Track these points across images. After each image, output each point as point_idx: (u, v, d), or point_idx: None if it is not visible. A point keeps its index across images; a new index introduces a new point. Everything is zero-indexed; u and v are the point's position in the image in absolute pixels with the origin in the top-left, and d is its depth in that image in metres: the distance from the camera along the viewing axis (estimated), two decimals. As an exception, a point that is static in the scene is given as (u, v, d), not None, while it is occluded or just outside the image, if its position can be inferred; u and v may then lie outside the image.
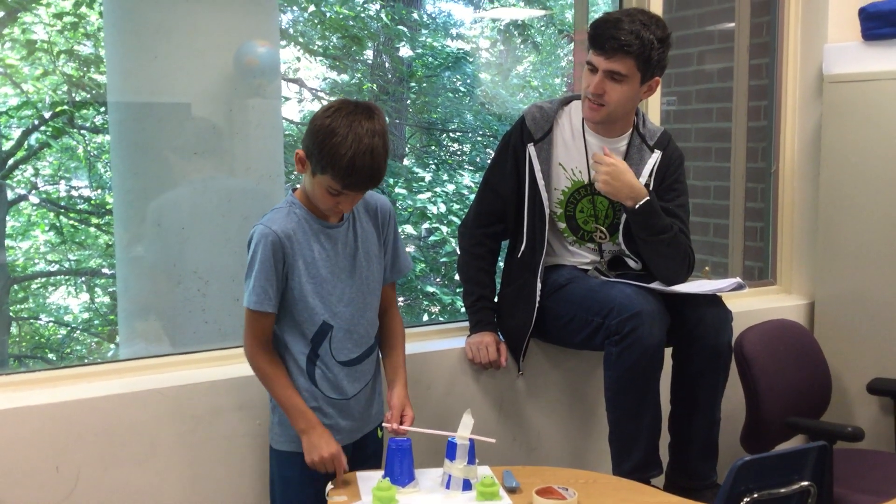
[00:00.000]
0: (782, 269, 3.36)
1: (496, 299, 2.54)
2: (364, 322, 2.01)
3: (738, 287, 2.34)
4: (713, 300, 2.34)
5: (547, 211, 2.41)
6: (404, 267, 2.14)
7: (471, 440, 1.91)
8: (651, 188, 2.38)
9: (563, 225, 2.46)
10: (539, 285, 2.41)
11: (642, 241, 2.36)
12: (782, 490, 1.73)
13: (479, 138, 7.05)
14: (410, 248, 6.12)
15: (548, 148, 2.40)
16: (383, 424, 2.02)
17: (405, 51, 6.81)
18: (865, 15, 2.98)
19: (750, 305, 3.06)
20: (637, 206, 2.30)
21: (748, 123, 3.46)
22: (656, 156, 2.41)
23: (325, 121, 1.84)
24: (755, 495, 1.69)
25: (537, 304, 2.41)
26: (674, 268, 2.38)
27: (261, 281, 1.89)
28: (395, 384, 2.08)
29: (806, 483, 1.75)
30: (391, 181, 5.97)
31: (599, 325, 2.26)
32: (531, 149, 2.39)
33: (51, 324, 5.48)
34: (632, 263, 2.49)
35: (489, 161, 2.53)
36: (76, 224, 5.41)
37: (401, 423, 2.00)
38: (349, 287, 1.98)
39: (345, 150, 1.81)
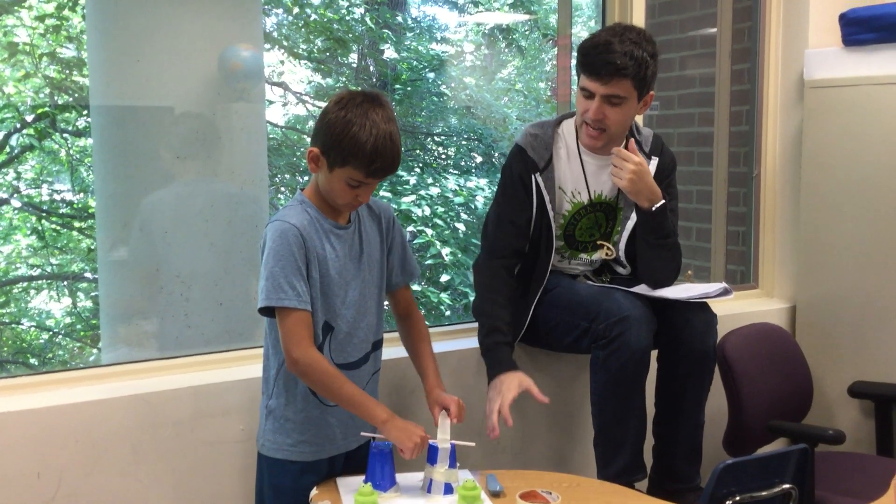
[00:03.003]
0: (764, 273, 3.38)
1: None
2: (364, 326, 2.00)
3: (725, 292, 2.35)
4: (699, 303, 2.35)
5: (554, 243, 2.39)
6: (414, 269, 2.14)
7: (451, 443, 1.91)
8: None
9: (560, 243, 2.46)
10: (532, 310, 2.39)
11: (647, 244, 2.36)
12: (764, 493, 1.75)
13: (463, 142, 7.06)
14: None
15: (551, 175, 2.36)
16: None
17: (389, 53, 6.81)
18: (846, 21, 3.01)
19: (732, 309, 3.08)
20: (654, 209, 2.30)
21: (730, 128, 3.48)
22: (654, 162, 2.40)
23: (340, 113, 1.85)
24: (737, 498, 1.71)
25: (526, 325, 2.40)
26: (666, 272, 2.39)
27: (289, 277, 1.83)
28: (429, 389, 2.06)
29: (787, 485, 1.77)
30: (376, 184, 5.96)
31: (587, 329, 2.27)
32: (539, 179, 2.34)
33: (32, 328, 5.44)
34: (620, 269, 2.50)
35: (495, 197, 2.44)
36: (58, 228, 5.37)
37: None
38: (353, 289, 1.97)
39: (365, 137, 1.82)
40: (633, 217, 2.39)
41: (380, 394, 2.15)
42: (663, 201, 2.31)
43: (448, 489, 1.89)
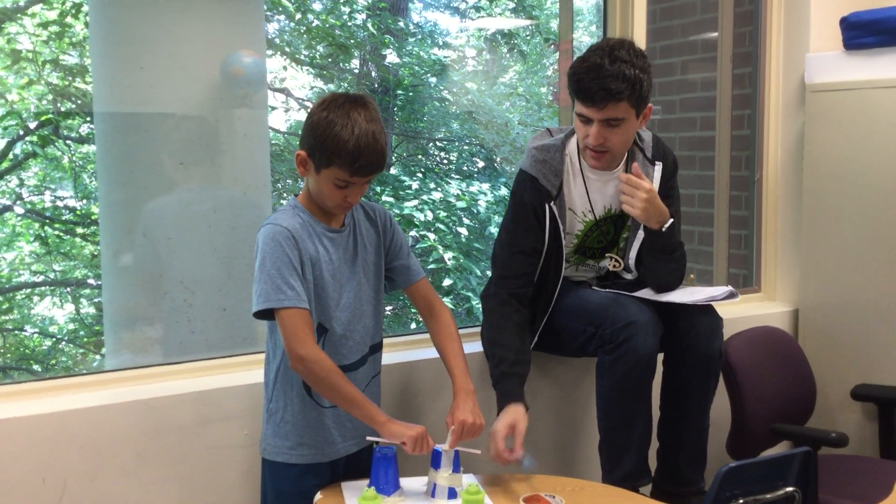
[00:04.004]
0: (766, 277, 3.39)
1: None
2: (360, 328, 2.01)
3: (731, 296, 2.34)
4: (705, 307, 2.34)
5: (563, 266, 2.38)
6: (416, 272, 2.13)
7: (455, 449, 1.91)
8: None
9: (574, 258, 2.46)
10: (538, 335, 2.38)
11: (655, 258, 2.35)
12: (768, 495, 1.75)
13: (465, 147, 7.08)
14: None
15: (562, 202, 2.35)
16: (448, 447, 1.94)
17: (392, 57, 6.83)
18: (847, 24, 3.02)
19: (734, 313, 3.08)
20: (664, 229, 2.29)
21: (732, 132, 3.48)
22: (659, 168, 2.39)
23: (323, 114, 1.87)
24: (740, 501, 1.71)
25: (533, 344, 2.39)
26: (672, 279, 2.39)
27: (286, 277, 1.84)
28: (455, 392, 2.02)
29: (791, 488, 1.77)
30: (378, 189, 5.98)
31: (593, 335, 2.26)
32: (553, 207, 2.31)
33: (36, 335, 5.45)
34: (626, 275, 2.50)
35: (503, 222, 2.41)
36: (61, 234, 5.39)
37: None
38: (347, 292, 1.98)
39: (347, 136, 1.83)
40: (641, 232, 2.38)
41: (384, 397, 2.15)
42: (671, 220, 2.30)
43: (452, 494, 1.89)
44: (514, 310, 2.31)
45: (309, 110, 1.93)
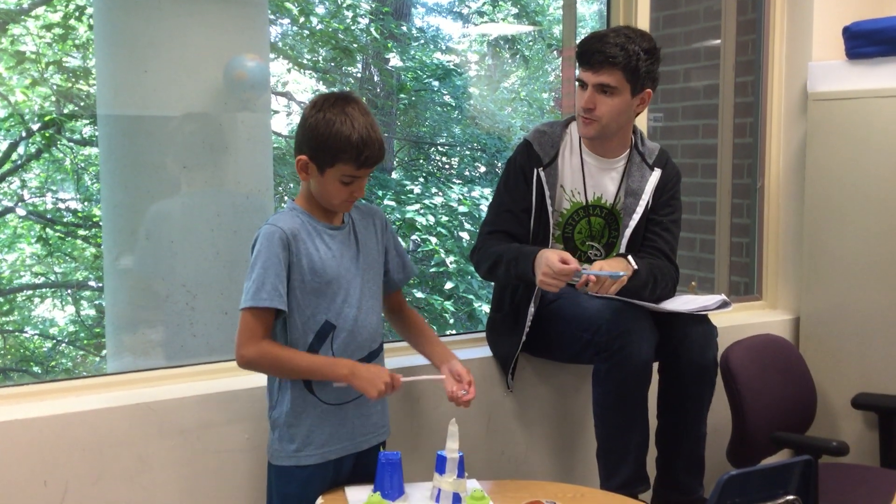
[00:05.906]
0: (768, 285, 3.39)
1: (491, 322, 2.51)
2: (368, 325, 2.02)
3: (724, 305, 2.35)
4: (698, 316, 2.35)
5: (551, 239, 2.41)
6: (411, 270, 2.18)
7: (460, 455, 1.91)
8: (650, 205, 2.41)
9: (560, 247, 2.47)
10: (532, 310, 2.40)
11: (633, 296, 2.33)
12: (768, 504, 1.75)
13: (467, 152, 7.09)
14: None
15: (554, 172, 2.40)
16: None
17: (395, 62, 6.84)
18: (849, 34, 3.02)
19: (736, 320, 3.08)
20: (633, 275, 2.25)
21: (734, 140, 3.49)
22: (656, 174, 2.43)
23: (319, 115, 1.90)
24: (741, 509, 1.71)
25: (526, 330, 2.42)
26: (662, 295, 2.40)
27: (271, 278, 1.88)
28: (449, 359, 2.11)
29: (791, 497, 1.77)
30: (380, 193, 6.00)
31: (588, 342, 2.27)
32: (541, 173, 2.38)
33: (36, 337, 5.45)
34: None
35: (496, 188, 2.49)
36: (62, 236, 5.40)
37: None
38: (353, 288, 1.99)
39: (349, 130, 1.88)
40: (632, 225, 2.41)
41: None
42: (634, 267, 2.27)
43: (456, 499, 1.89)
44: (500, 241, 2.37)
45: (302, 116, 1.96)
